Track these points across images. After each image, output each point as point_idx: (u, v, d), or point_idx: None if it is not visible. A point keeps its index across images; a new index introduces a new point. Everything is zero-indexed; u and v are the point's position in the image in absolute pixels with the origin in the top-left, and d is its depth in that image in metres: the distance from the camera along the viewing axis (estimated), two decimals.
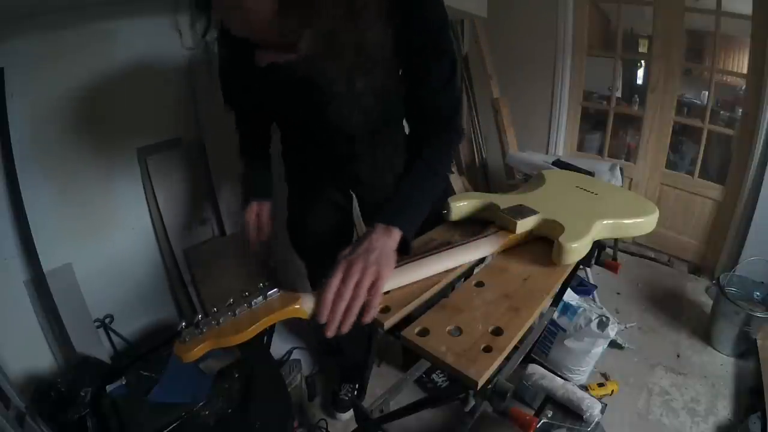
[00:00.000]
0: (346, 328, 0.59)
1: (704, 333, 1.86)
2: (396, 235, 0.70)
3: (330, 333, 0.59)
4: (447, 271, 0.77)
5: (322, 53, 0.62)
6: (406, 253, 0.75)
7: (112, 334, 1.47)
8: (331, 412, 1.51)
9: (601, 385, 1.56)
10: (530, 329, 0.71)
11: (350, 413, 1.49)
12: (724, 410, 1.53)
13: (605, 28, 2.40)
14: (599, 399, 1.27)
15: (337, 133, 0.92)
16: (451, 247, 0.80)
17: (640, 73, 2.44)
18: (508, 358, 0.66)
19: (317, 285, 0.63)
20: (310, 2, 0.57)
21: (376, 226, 0.70)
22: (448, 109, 0.84)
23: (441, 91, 0.81)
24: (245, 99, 1.00)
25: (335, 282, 0.60)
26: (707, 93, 2.15)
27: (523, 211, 0.88)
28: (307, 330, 1.78)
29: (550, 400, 1.28)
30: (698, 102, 2.26)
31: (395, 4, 0.68)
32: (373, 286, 0.62)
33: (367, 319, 0.61)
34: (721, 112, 2.19)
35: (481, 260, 0.83)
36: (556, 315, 1.54)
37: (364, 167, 1.01)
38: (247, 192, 1.08)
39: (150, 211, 1.53)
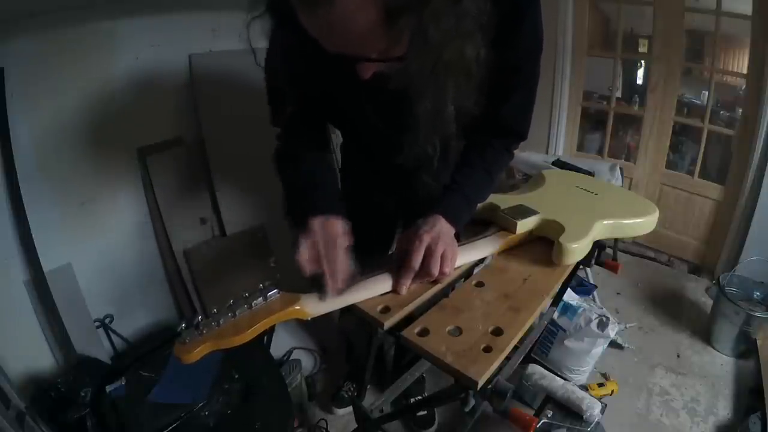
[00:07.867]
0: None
1: (704, 333, 1.86)
2: (453, 229, 0.78)
3: (404, 291, 0.72)
4: None
5: (427, 64, 0.59)
6: None
7: (112, 334, 1.47)
8: (329, 407, 1.51)
9: (601, 385, 1.56)
10: (530, 329, 0.71)
11: (347, 409, 1.49)
12: (724, 410, 1.53)
13: (605, 28, 2.40)
14: (599, 399, 1.26)
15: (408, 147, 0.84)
16: None
17: (640, 73, 2.43)
18: (508, 358, 0.67)
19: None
20: (418, 8, 0.53)
21: (440, 217, 0.77)
22: (522, 128, 0.85)
23: (520, 111, 0.82)
24: (316, 112, 0.89)
25: (421, 252, 0.72)
26: (707, 93, 2.14)
27: (523, 212, 0.88)
28: (307, 330, 1.78)
29: (550, 400, 1.28)
30: (698, 102, 2.26)
31: (496, 21, 0.66)
32: (450, 259, 0.74)
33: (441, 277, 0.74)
34: (721, 112, 2.19)
35: (481, 260, 0.83)
36: (556, 315, 1.53)
37: (422, 177, 0.92)
38: (304, 207, 0.75)
39: (150, 211, 1.53)
